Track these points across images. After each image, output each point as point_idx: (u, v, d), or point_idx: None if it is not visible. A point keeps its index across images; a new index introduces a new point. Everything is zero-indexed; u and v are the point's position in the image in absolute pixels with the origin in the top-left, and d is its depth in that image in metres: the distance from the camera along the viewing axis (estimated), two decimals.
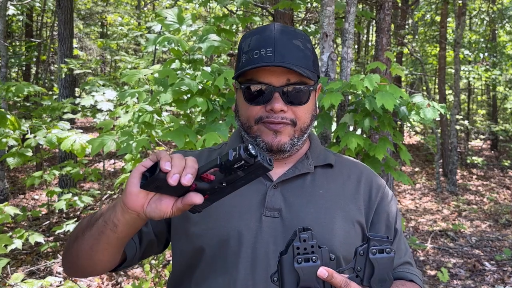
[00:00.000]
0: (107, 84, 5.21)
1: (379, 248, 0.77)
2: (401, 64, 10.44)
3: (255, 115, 0.99)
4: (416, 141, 14.35)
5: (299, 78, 0.97)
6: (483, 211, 7.02)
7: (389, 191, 1.12)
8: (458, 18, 8.63)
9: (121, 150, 2.32)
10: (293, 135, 1.00)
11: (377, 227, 1.06)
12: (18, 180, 7.57)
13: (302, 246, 0.76)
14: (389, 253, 0.76)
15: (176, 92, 2.29)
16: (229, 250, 0.97)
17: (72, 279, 3.30)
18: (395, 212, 1.09)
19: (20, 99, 6.15)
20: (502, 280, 4.30)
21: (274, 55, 0.95)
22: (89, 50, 10.26)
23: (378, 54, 2.96)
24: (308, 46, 1.01)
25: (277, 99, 0.96)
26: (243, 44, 1.02)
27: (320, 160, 1.08)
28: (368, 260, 0.76)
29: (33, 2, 8.16)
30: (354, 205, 1.05)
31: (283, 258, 0.77)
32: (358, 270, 0.77)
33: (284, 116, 0.98)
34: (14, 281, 2.38)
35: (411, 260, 1.10)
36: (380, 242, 0.77)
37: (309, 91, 1.00)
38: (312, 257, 0.75)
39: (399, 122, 2.52)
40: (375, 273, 0.76)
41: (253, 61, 0.96)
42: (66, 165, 4.59)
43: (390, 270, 0.77)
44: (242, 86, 1.00)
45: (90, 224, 0.92)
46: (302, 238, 0.76)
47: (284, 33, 0.99)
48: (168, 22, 2.42)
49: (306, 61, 0.99)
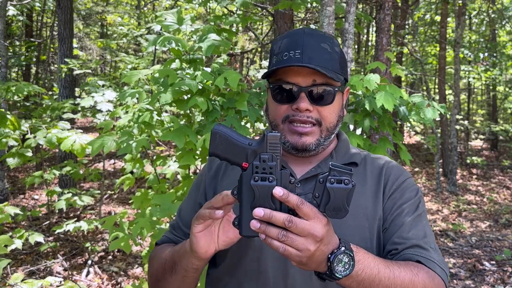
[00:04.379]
0: (107, 84, 5.21)
1: (338, 178, 0.78)
2: (401, 64, 10.44)
3: (282, 114, 1.04)
4: (416, 141, 14.35)
5: (324, 80, 1.02)
6: (483, 211, 7.02)
7: (409, 182, 1.10)
8: (458, 18, 8.63)
9: (121, 150, 2.32)
10: (320, 136, 1.04)
11: (388, 216, 1.05)
12: (18, 180, 7.57)
13: (261, 166, 0.78)
14: (347, 185, 0.78)
15: (176, 92, 2.29)
16: (250, 250, 1.03)
17: (72, 279, 3.30)
18: (411, 198, 1.07)
19: (20, 99, 6.15)
20: (502, 280, 4.30)
21: (302, 57, 1.00)
22: (89, 50, 10.26)
23: (378, 54, 2.96)
24: (336, 49, 1.06)
25: (303, 98, 1.01)
26: (274, 47, 1.08)
27: (345, 159, 1.11)
28: (326, 188, 0.78)
29: (33, 2, 8.15)
30: (375, 202, 1.06)
31: (243, 174, 0.79)
32: (316, 196, 0.79)
33: (309, 115, 1.02)
34: (14, 281, 2.38)
35: (428, 246, 1.02)
36: (341, 173, 0.78)
37: (334, 92, 1.04)
38: (269, 177, 0.77)
39: (399, 122, 2.52)
40: (330, 201, 0.78)
41: (282, 62, 1.02)
42: (66, 165, 4.59)
43: (346, 200, 0.78)
44: (270, 86, 1.06)
45: (171, 268, 1.03)
46: (262, 159, 0.78)
47: (313, 37, 1.04)
48: (167, 23, 2.42)
49: (333, 63, 1.03)
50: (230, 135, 0.82)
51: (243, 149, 0.81)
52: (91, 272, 4.01)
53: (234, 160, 0.82)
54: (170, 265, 1.02)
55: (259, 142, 0.81)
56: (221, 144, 0.83)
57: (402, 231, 1.03)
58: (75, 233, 4.75)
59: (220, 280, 1.09)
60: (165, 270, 1.04)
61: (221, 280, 1.09)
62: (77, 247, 4.61)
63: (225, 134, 0.83)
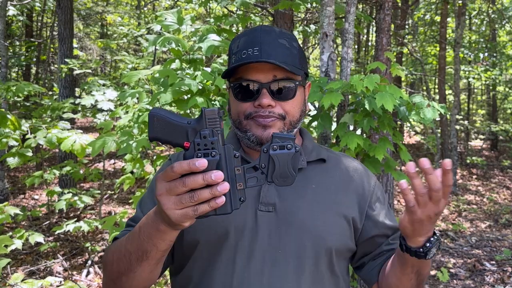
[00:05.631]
0: (107, 84, 5.21)
1: (280, 144, 0.78)
2: (401, 64, 10.44)
3: (245, 111, 1.04)
4: (416, 141, 14.35)
5: (285, 74, 1.03)
6: (483, 211, 7.02)
7: (377, 181, 1.19)
8: (458, 18, 8.63)
9: (121, 150, 2.32)
10: (283, 128, 1.04)
11: (375, 217, 1.12)
12: (18, 180, 7.57)
13: (203, 142, 0.77)
14: (289, 149, 0.78)
15: (176, 92, 2.29)
16: (227, 244, 1.01)
17: (72, 279, 3.30)
18: (384, 196, 1.18)
19: (20, 99, 6.15)
20: (502, 280, 4.30)
21: (261, 54, 1.01)
22: (89, 50, 10.26)
23: (378, 54, 2.96)
24: (294, 44, 1.07)
25: (265, 94, 1.02)
26: (232, 46, 1.09)
27: (312, 155, 1.12)
28: (270, 157, 0.78)
29: (33, 2, 8.15)
30: (346, 198, 1.10)
31: (186, 154, 0.78)
32: (262, 167, 0.79)
33: (272, 110, 1.03)
34: (14, 281, 2.38)
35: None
36: (283, 139, 0.79)
37: (295, 86, 1.05)
38: (212, 152, 0.76)
39: (399, 122, 2.52)
40: (276, 169, 0.78)
41: (241, 60, 1.02)
42: (66, 165, 4.59)
43: (293, 166, 0.79)
44: (231, 85, 1.06)
45: (135, 256, 0.91)
46: (203, 135, 0.77)
47: (270, 33, 1.05)
48: (167, 23, 2.43)
49: (292, 58, 1.04)
50: (168, 117, 0.80)
51: (183, 129, 0.79)
52: (91, 272, 4.01)
53: (175, 142, 0.80)
54: (136, 249, 0.91)
55: (198, 119, 0.79)
56: (160, 127, 0.80)
57: (385, 233, 1.13)
58: (75, 233, 4.75)
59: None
60: (130, 260, 0.92)
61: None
62: (77, 247, 4.61)
63: (163, 116, 0.80)
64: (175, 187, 0.76)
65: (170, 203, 0.77)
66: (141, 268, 0.92)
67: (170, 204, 0.77)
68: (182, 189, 0.75)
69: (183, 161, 0.75)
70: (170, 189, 0.76)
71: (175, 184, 0.76)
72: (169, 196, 0.77)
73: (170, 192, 0.76)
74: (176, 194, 0.76)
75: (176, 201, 0.76)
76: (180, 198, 0.76)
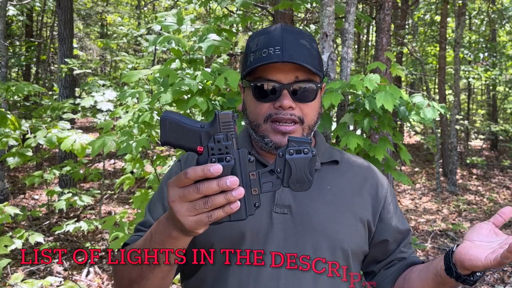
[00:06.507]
0: (107, 84, 5.21)
1: (297, 148, 0.76)
2: (401, 64, 10.44)
3: (264, 113, 1.01)
4: (416, 141, 14.35)
5: (306, 76, 1.00)
6: (483, 211, 7.02)
7: (389, 183, 1.18)
8: (458, 18, 8.63)
9: (121, 150, 2.32)
10: (302, 134, 1.03)
11: (389, 220, 1.11)
12: (18, 180, 7.57)
13: (217, 146, 0.75)
14: (306, 154, 0.76)
15: (176, 92, 2.29)
16: (242, 247, 0.99)
17: (72, 279, 3.30)
18: (395, 197, 1.17)
19: (20, 99, 6.15)
20: (502, 280, 4.30)
21: (283, 53, 0.97)
22: (89, 50, 10.26)
23: (378, 54, 2.96)
24: (314, 45, 1.04)
25: (286, 96, 0.99)
26: (250, 44, 1.04)
27: (325, 157, 1.11)
28: (286, 161, 0.76)
29: (33, 2, 8.15)
30: (360, 199, 1.08)
31: (199, 159, 0.76)
32: (278, 171, 0.77)
33: (292, 113, 1.00)
34: (14, 281, 2.38)
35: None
36: (299, 143, 0.77)
37: (316, 88, 1.02)
38: (226, 157, 0.74)
39: (399, 122, 2.52)
40: (292, 173, 0.76)
41: (262, 59, 0.98)
42: (66, 165, 4.59)
43: (308, 171, 0.77)
44: (251, 84, 1.02)
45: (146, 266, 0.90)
46: (217, 139, 0.75)
47: (291, 33, 1.02)
48: (167, 23, 2.43)
49: (313, 60, 1.01)
50: (180, 120, 0.77)
51: (196, 133, 0.76)
52: (91, 272, 4.02)
53: (188, 146, 0.77)
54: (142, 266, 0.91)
55: (211, 123, 0.76)
56: (172, 131, 0.77)
57: (399, 238, 1.13)
58: (75, 233, 4.75)
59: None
60: (142, 267, 0.91)
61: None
62: (77, 247, 4.61)
63: (175, 120, 0.77)
64: (188, 193, 0.73)
65: (183, 209, 0.74)
66: (153, 275, 0.90)
67: (183, 210, 0.74)
68: (196, 196, 0.73)
69: (197, 167, 0.73)
70: (184, 195, 0.74)
71: (189, 190, 0.73)
72: (182, 202, 0.74)
73: (183, 198, 0.74)
74: (189, 201, 0.74)
75: (189, 208, 0.74)
76: (193, 204, 0.74)
